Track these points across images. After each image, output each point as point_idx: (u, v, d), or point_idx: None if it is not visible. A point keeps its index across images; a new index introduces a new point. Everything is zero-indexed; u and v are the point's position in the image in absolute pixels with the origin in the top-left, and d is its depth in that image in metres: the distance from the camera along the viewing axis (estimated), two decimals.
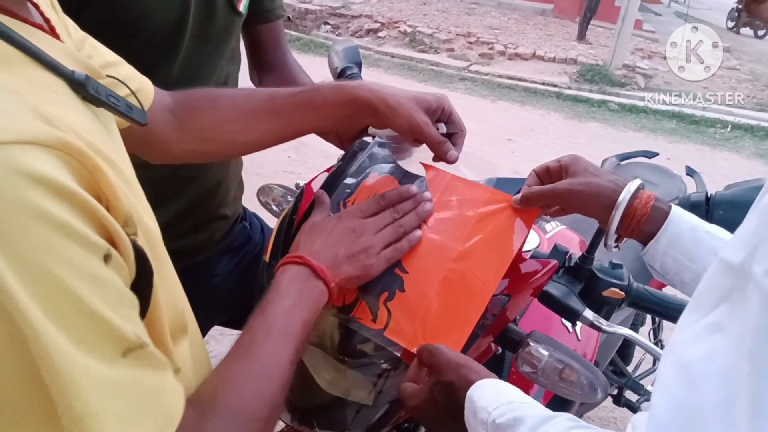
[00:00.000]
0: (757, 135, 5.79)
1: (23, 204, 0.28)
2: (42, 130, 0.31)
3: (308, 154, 3.93)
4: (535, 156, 4.39)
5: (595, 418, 1.99)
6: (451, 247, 0.65)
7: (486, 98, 6.34)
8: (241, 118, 0.70)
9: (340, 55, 0.93)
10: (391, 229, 0.64)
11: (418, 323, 0.61)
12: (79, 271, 0.30)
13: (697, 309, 0.38)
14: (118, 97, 0.43)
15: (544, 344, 0.66)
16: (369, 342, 0.62)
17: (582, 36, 8.50)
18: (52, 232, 0.29)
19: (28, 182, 0.29)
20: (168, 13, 0.80)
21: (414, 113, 0.66)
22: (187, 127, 0.70)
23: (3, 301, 0.27)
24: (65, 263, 0.30)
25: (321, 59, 6.63)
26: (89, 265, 0.31)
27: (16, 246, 0.28)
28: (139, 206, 0.42)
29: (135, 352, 0.33)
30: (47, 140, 0.31)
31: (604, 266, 0.82)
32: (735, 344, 0.32)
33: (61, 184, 0.30)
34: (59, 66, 0.37)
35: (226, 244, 1.10)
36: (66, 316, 0.29)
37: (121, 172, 0.39)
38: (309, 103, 0.69)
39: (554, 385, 0.67)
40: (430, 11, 9.69)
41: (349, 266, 0.60)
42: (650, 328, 1.84)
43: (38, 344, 0.28)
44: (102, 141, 0.39)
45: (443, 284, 0.63)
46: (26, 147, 0.29)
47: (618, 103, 6.39)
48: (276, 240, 0.74)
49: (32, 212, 0.29)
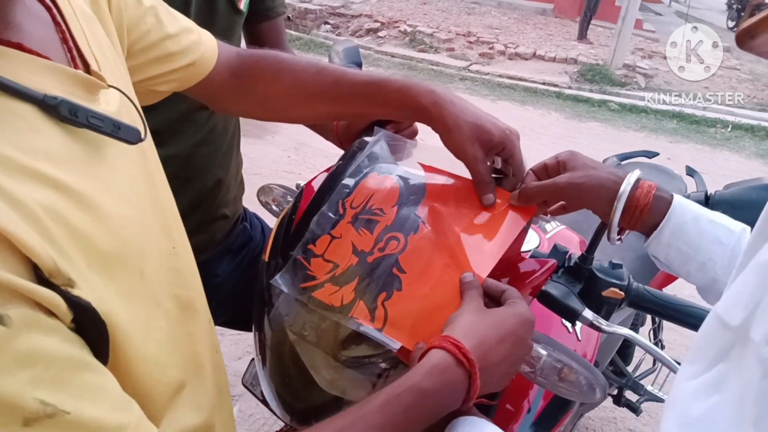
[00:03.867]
0: (758, 135, 5.79)
1: None
2: None
3: (308, 154, 3.93)
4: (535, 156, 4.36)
5: (595, 418, 1.99)
6: (447, 243, 0.66)
7: (486, 98, 6.34)
8: (303, 97, 0.72)
9: (341, 56, 0.93)
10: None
11: (414, 320, 0.61)
12: None
13: (697, 361, 0.38)
14: (103, 117, 0.41)
15: (542, 344, 0.66)
16: (368, 342, 0.63)
17: (582, 36, 8.50)
18: None
19: None
20: None
21: (467, 145, 0.65)
22: (250, 92, 0.73)
23: None
24: None
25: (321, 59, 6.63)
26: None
27: None
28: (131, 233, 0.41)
29: (42, 422, 0.31)
30: None
31: (603, 266, 0.81)
32: (736, 409, 0.32)
33: None
34: (25, 91, 0.36)
35: (226, 244, 1.10)
36: None
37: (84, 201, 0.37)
38: (372, 98, 0.69)
39: (553, 385, 0.67)
40: (430, 11, 9.69)
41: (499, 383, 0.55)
42: (650, 328, 1.84)
43: None
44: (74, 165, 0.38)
45: (439, 280, 0.63)
46: None
47: (618, 103, 6.39)
48: (275, 240, 0.74)
49: None
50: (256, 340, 0.74)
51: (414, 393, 0.48)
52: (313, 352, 0.66)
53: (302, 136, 3.98)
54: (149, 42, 0.60)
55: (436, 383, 0.48)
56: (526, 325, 0.56)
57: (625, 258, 1.25)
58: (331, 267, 0.67)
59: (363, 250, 0.67)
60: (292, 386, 0.69)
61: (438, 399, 0.49)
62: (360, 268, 0.66)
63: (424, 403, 0.48)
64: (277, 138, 4.19)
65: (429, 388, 0.48)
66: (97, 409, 0.34)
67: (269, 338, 0.70)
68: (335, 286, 0.65)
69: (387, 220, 0.69)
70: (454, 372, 0.49)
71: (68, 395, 0.32)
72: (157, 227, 0.50)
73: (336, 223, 0.70)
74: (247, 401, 1.81)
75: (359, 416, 0.46)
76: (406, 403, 0.47)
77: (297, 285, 0.67)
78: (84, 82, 0.42)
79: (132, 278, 0.42)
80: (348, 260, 0.67)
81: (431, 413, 0.49)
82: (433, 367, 0.49)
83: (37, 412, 0.30)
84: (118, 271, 0.40)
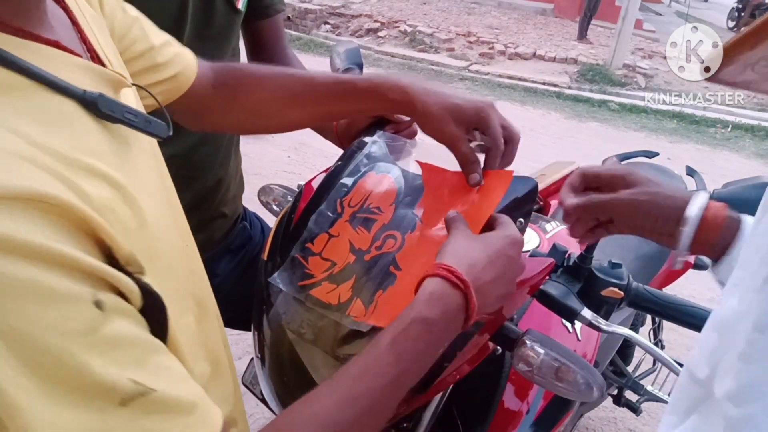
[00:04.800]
0: (758, 135, 5.79)
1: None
2: (20, 186, 0.30)
3: (308, 154, 3.93)
4: (535, 156, 4.38)
5: (595, 418, 1.99)
6: (441, 237, 0.66)
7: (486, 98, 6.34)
8: (290, 101, 0.72)
9: (342, 57, 0.94)
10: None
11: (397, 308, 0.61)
12: (58, 328, 0.30)
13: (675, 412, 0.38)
14: (136, 112, 0.42)
15: (540, 342, 0.66)
16: (366, 339, 0.63)
17: (582, 36, 8.50)
18: (24, 297, 0.29)
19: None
20: (166, 13, 0.79)
21: (443, 126, 0.65)
22: (234, 102, 0.73)
23: None
24: (41, 325, 0.29)
25: (321, 59, 6.64)
26: (70, 319, 0.31)
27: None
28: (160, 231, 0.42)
29: (136, 401, 0.32)
30: (20, 193, 0.30)
31: (603, 266, 0.81)
32: None
33: (31, 242, 0.29)
34: (68, 87, 0.37)
35: (226, 244, 1.10)
36: (45, 375, 0.29)
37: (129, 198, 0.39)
38: (347, 95, 0.70)
39: (551, 384, 0.67)
40: (430, 11, 9.69)
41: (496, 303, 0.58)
42: (650, 328, 1.84)
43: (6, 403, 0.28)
44: (115, 162, 0.39)
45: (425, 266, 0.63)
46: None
47: (618, 103, 6.39)
48: (274, 239, 0.74)
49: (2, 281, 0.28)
50: (255, 340, 0.74)
51: (418, 324, 0.49)
52: (312, 351, 0.66)
53: (302, 136, 3.97)
54: (136, 52, 0.60)
55: (436, 310, 0.50)
56: (515, 245, 0.58)
57: (625, 258, 1.25)
58: (328, 265, 0.67)
59: (360, 249, 0.67)
60: (291, 385, 0.69)
61: (441, 325, 0.50)
62: (357, 266, 0.66)
63: (430, 332, 0.49)
64: (277, 138, 4.19)
65: (431, 315, 0.49)
66: (174, 387, 0.35)
67: (268, 337, 0.70)
68: (333, 284, 0.65)
69: (384, 219, 0.69)
70: (451, 296, 0.51)
71: (151, 375, 0.34)
72: (173, 226, 0.51)
73: (334, 221, 0.70)
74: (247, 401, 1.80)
75: (371, 359, 0.47)
76: (413, 336, 0.48)
77: (295, 283, 0.67)
78: (111, 80, 0.43)
79: (164, 274, 0.43)
80: (345, 258, 0.67)
81: (437, 341, 0.51)
82: (430, 295, 0.51)
83: (132, 392, 0.32)
84: (155, 267, 0.41)
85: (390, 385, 0.46)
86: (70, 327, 0.30)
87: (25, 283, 0.29)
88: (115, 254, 0.35)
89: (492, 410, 0.85)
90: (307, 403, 0.44)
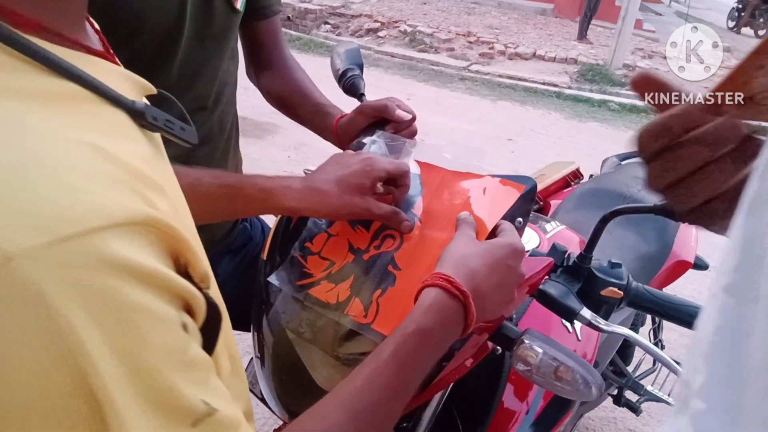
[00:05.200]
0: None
1: (110, 298, 0.28)
2: (128, 210, 0.30)
3: (308, 154, 3.93)
4: (535, 156, 4.38)
5: (595, 418, 1.98)
6: (439, 237, 0.66)
7: (486, 98, 6.34)
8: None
9: (342, 57, 0.94)
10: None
11: (402, 313, 0.61)
12: (161, 351, 0.31)
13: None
14: (173, 119, 0.42)
15: (539, 342, 0.66)
16: (365, 339, 0.63)
17: (582, 35, 8.50)
18: (139, 321, 0.29)
19: (114, 273, 0.28)
20: (165, 13, 0.79)
21: (351, 208, 0.65)
22: None
23: (92, 382, 0.27)
24: (150, 347, 0.30)
25: (321, 59, 6.63)
26: (169, 341, 0.31)
27: (108, 335, 0.28)
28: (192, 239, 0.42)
29: (204, 421, 0.33)
30: (133, 219, 0.30)
31: (602, 265, 0.81)
32: None
33: (145, 268, 0.30)
34: (121, 98, 0.37)
35: (226, 244, 1.10)
36: (146, 396, 0.30)
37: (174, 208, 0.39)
38: (232, 198, 0.66)
39: (550, 384, 0.67)
40: (430, 11, 9.69)
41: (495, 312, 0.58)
42: (650, 328, 1.84)
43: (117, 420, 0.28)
44: (161, 171, 0.38)
45: (427, 271, 0.63)
46: (113, 231, 0.29)
47: (618, 103, 6.39)
48: (274, 238, 0.74)
49: (119, 304, 0.28)
50: (254, 340, 0.74)
51: (418, 335, 0.50)
52: (311, 350, 0.66)
53: (302, 136, 3.98)
54: None
55: (435, 320, 0.51)
56: (516, 254, 0.58)
57: (625, 258, 1.25)
58: (327, 264, 0.67)
59: (359, 248, 0.67)
60: (290, 385, 0.69)
61: (439, 335, 0.51)
62: (356, 265, 0.66)
63: (429, 342, 0.50)
64: (277, 138, 4.19)
65: (430, 326, 0.50)
66: (228, 406, 0.36)
67: (267, 337, 0.70)
68: (331, 284, 0.66)
69: None
70: (450, 306, 0.52)
71: (213, 395, 0.34)
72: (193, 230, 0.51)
73: (333, 221, 0.71)
74: None
75: (373, 371, 0.48)
76: (413, 347, 0.50)
77: (294, 282, 0.67)
78: (143, 87, 0.42)
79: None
80: (344, 258, 0.67)
81: (436, 349, 0.52)
82: (429, 306, 0.52)
83: (202, 413, 0.32)
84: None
85: (394, 397, 0.48)
86: (169, 349, 0.31)
87: (142, 308, 0.29)
88: (191, 272, 0.35)
89: (492, 410, 0.85)
90: (314, 419, 0.45)
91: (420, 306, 0.52)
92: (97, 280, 0.27)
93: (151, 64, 0.81)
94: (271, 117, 4.09)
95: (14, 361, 0.26)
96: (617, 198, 1.48)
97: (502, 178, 0.71)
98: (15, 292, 0.25)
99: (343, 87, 0.93)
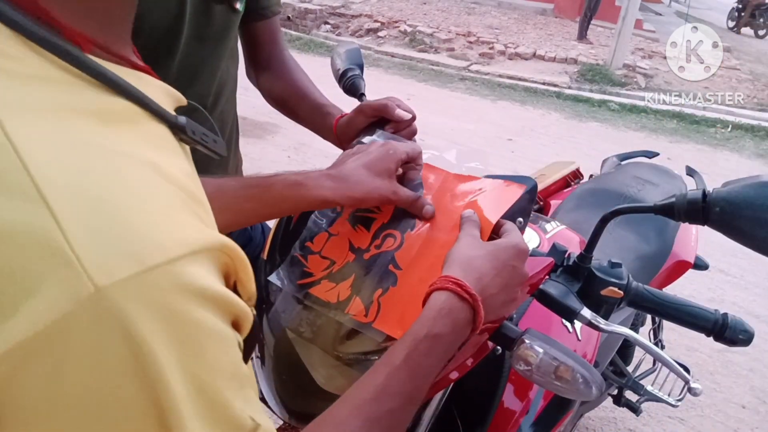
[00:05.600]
0: (758, 135, 5.78)
1: (186, 322, 0.29)
2: (203, 237, 0.31)
3: (308, 154, 3.93)
4: (535, 156, 4.38)
5: (595, 418, 1.98)
6: (440, 237, 0.66)
7: (486, 98, 6.34)
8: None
9: (342, 57, 0.94)
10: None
11: (404, 312, 0.61)
12: (223, 370, 0.31)
13: None
14: (207, 132, 0.42)
15: (539, 342, 0.66)
16: (366, 339, 0.63)
17: (582, 36, 8.50)
18: (207, 342, 0.30)
19: (190, 298, 0.29)
20: (165, 13, 0.79)
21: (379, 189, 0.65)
22: None
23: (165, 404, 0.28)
24: (213, 367, 0.31)
25: (321, 59, 6.64)
26: (229, 360, 0.32)
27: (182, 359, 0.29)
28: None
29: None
30: (208, 245, 0.32)
31: (602, 265, 0.81)
32: None
33: (213, 291, 0.31)
34: (165, 113, 0.37)
35: None
36: (208, 413, 0.30)
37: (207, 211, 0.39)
38: (260, 199, 0.65)
39: (550, 383, 0.67)
40: (430, 11, 9.69)
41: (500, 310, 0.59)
42: (650, 328, 1.84)
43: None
44: (199, 185, 0.39)
45: (429, 271, 0.63)
46: (190, 258, 0.30)
47: (618, 103, 6.39)
48: (274, 238, 0.74)
49: (193, 328, 0.29)
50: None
51: (429, 339, 0.50)
52: (311, 350, 0.66)
53: (302, 136, 3.98)
54: None
55: (446, 325, 0.51)
56: (520, 254, 0.59)
57: (625, 258, 1.25)
58: (328, 264, 0.67)
59: (360, 247, 0.67)
60: (290, 384, 0.69)
61: (450, 338, 0.52)
62: (356, 264, 0.66)
63: (439, 346, 0.51)
64: (277, 138, 4.19)
65: (441, 331, 0.51)
66: (266, 420, 0.36)
67: (267, 336, 0.70)
68: (332, 283, 0.66)
69: (384, 218, 0.70)
70: (460, 310, 0.52)
71: (256, 410, 0.35)
72: None
73: (333, 220, 0.71)
74: None
75: (387, 377, 0.48)
76: (425, 352, 0.50)
77: (294, 282, 0.67)
78: (178, 100, 0.42)
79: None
80: (345, 257, 0.67)
81: (446, 353, 0.52)
82: (439, 310, 0.52)
83: (250, 429, 0.33)
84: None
85: (408, 402, 0.49)
86: (229, 368, 0.32)
87: (210, 330, 0.30)
88: (240, 289, 0.36)
89: (492, 410, 0.85)
90: (329, 426, 0.45)
91: (430, 310, 0.52)
92: (176, 305, 0.28)
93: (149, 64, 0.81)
94: (271, 117, 4.09)
95: (99, 389, 0.26)
96: (617, 198, 1.48)
97: (502, 178, 0.71)
98: (104, 322, 0.26)
99: (343, 87, 0.93)
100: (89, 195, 0.27)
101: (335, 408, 0.47)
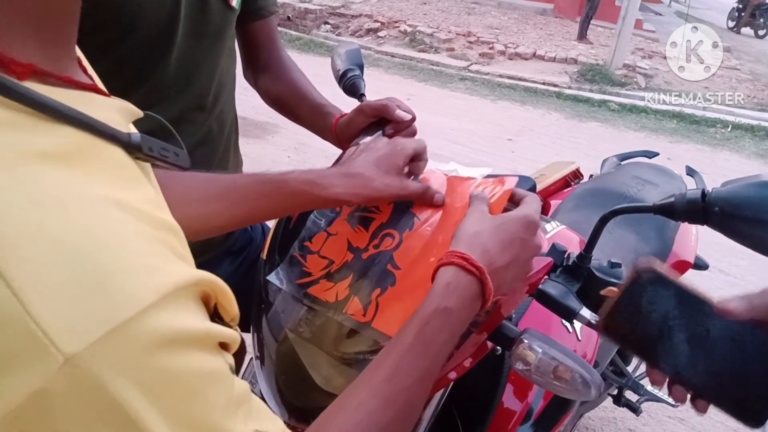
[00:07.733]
0: (758, 135, 5.79)
1: (167, 374, 0.28)
2: (173, 278, 0.30)
3: (308, 154, 3.93)
4: (535, 156, 4.38)
5: (595, 418, 1.99)
6: (439, 236, 0.66)
7: (486, 98, 6.34)
8: (196, 205, 0.63)
9: (342, 57, 0.94)
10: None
11: (403, 312, 0.61)
12: (218, 404, 0.31)
13: None
14: (167, 146, 0.39)
15: (538, 341, 0.66)
16: (365, 338, 0.63)
17: (582, 36, 8.50)
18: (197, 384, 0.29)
19: (168, 348, 0.28)
20: (160, 9, 0.79)
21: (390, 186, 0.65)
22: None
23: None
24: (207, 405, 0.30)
25: (321, 59, 6.63)
26: (223, 391, 0.32)
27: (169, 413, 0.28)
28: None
29: None
30: (180, 285, 0.30)
31: (602, 265, 0.81)
32: None
33: (194, 330, 0.30)
34: (118, 135, 0.34)
35: (226, 246, 1.10)
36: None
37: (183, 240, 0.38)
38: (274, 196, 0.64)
39: (549, 383, 0.67)
40: (430, 11, 9.69)
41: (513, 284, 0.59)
42: None
43: None
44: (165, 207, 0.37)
45: (428, 271, 0.63)
46: (163, 303, 0.28)
47: (618, 103, 6.39)
48: (273, 238, 0.75)
49: (177, 378, 0.28)
50: (254, 339, 0.74)
51: (439, 314, 0.50)
52: (310, 350, 0.66)
53: (302, 136, 3.98)
54: None
55: (455, 299, 0.51)
56: (529, 226, 0.58)
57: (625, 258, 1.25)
58: (326, 263, 0.67)
59: (358, 247, 0.67)
60: (290, 384, 0.69)
61: (460, 312, 0.52)
62: (355, 264, 0.66)
63: (450, 320, 0.51)
64: (277, 138, 4.20)
65: (450, 305, 0.51)
66: (273, 421, 0.36)
67: (267, 336, 0.70)
68: (330, 283, 0.66)
69: (382, 218, 0.70)
70: (468, 283, 0.52)
71: (258, 418, 0.35)
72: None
73: (332, 220, 0.71)
74: None
75: (400, 355, 0.48)
76: (437, 327, 0.50)
77: (293, 281, 0.67)
78: (132, 113, 0.39)
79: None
80: (343, 257, 0.67)
81: (457, 327, 0.52)
82: (447, 285, 0.52)
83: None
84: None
85: (422, 378, 0.49)
86: (224, 398, 0.31)
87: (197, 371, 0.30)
88: (222, 313, 0.35)
89: (492, 410, 0.85)
90: (349, 408, 0.45)
91: (438, 285, 0.52)
92: (151, 362, 0.27)
93: (146, 62, 0.81)
94: (271, 117, 4.09)
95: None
96: (617, 198, 1.47)
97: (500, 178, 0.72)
98: (82, 389, 0.25)
99: (343, 87, 0.93)
100: (46, 255, 0.25)
101: (350, 390, 0.47)
